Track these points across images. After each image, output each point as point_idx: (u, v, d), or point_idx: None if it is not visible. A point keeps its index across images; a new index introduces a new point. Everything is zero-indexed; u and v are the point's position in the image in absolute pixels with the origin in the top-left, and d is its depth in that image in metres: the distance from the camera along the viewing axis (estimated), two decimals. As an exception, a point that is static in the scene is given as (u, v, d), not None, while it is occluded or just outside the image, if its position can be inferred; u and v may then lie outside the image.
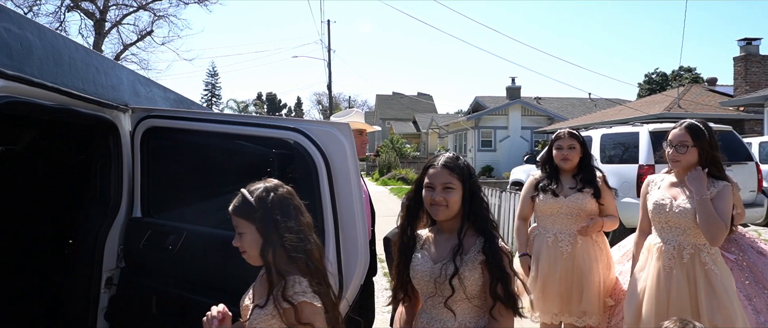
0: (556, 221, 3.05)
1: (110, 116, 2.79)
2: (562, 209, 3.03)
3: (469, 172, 1.93)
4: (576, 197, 3.02)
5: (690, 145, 2.52)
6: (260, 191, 1.80)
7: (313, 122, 2.65)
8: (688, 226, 2.50)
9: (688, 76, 37.02)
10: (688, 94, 18.82)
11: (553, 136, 3.19)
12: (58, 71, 2.27)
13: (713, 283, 2.45)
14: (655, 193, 2.68)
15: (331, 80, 30.70)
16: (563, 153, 3.07)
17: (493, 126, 25.57)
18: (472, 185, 1.91)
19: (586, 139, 3.17)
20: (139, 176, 2.91)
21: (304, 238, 1.79)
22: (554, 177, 3.12)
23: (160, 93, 3.50)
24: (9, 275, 3.66)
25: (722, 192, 2.49)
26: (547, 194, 3.08)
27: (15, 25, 1.96)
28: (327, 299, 1.81)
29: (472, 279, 1.85)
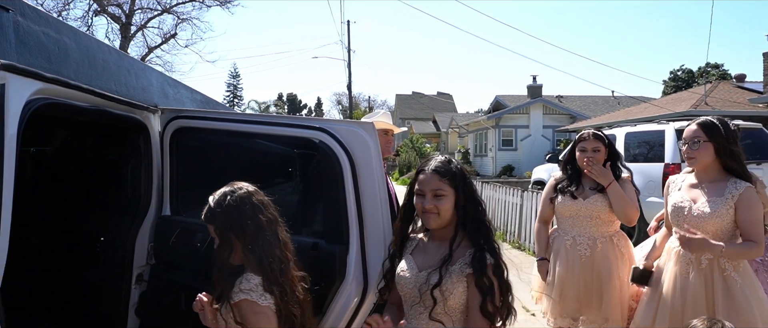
0: (575, 224, 2.98)
1: (141, 117, 2.87)
2: (580, 211, 2.95)
3: (462, 176, 1.82)
4: (595, 198, 2.92)
5: (703, 141, 2.43)
6: (219, 196, 1.93)
7: (338, 122, 2.68)
8: (706, 231, 2.39)
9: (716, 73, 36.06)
10: (715, 91, 18.35)
11: (576, 136, 3.09)
12: (92, 73, 2.34)
13: (732, 290, 2.34)
14: (674, 194, 2.59)
15: (350, 80, 30.82)
16: (587, 155, 2.97)
17: (514, 125, 25.32)
18: (466, 191, 1.80)
19: (609, 138, 3.12)
20: (168, 175, 2.98)
21: (260, 235, 1.85)
22: (575, 178, 3.04)
23: (187, 94, 3.58)
24: (43, 272, 3.78)
25: (746, 198, 2.35)
26: (566, 195, 3.00)
27: (53, 30, 2.03)
28: (287, 298, 1.83)
29: (455, 293, 1.73)
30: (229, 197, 1.91)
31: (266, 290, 1.82)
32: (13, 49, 1.82)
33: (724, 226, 2.38)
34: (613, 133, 8.85)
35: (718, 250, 2.30)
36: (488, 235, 1.77)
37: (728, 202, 2.37)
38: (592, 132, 3.03)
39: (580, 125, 19.95)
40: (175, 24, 24.92)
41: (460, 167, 1.86)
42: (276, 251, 1.88)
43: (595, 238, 2.93)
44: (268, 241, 1.87)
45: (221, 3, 25.17)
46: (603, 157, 2.97)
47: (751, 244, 2.34)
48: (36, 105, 1.94)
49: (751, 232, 2.35)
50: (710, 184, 2.47)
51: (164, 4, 24.38)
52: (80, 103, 2.34)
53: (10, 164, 1.75)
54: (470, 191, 1.82)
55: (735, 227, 2.40)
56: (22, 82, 1.84)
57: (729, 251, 2.31)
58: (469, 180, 1.85)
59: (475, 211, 1.79)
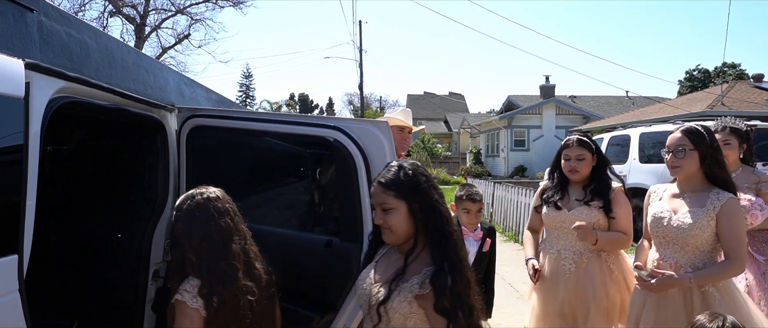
0: (560, 236, 2.78)
1: (158, 116, 2.91)
2: (565, 224, 2.73)
3: (413, 185, 1.59)
4: (581, 210, 2.71)
5: (688, 149, 2.32)
6: (181, 200, 2.01)
7: (353, 120, 2.70)
8: (686, 243, 2.28)
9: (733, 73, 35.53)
10: (732, 92, 18.07)
11: (562, 143, 2.89)
12: (111, 73, 2.39)
13: (711, 306, 2.18)
14: (655, 205, 2.48)
15: (362, 80, 30.85)
16: (570, 164, 2.76)
17: (526, 125, 25.18)
18: (421, 201, 1.58)
19: (623, 139, 3.04)
20: (184, 173, 3.02)
21: (205, 243, 1.90)
22: (561, 187, 2.84)
23: (203, 93, 3.62)
24: (61, 268, 3.84)
25: (728, 209, 2.23)
26: (551, 206, 2.81)
27: (74, 30, 2.08)
28: (226, 307, 1.85)
29: (399, 312, 1.54)
30: (188, 202, 1.97)
31: (201, 294, 1.85)
32: (37, 48, 1.87)
33: (705, 238, 2.26)
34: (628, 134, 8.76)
35: (687, 282, 2.20)
36: (451, 248, 1.55)
37: (709, 213, 2.25)
38: (576, 138, 2.81)
39: (594, 126, 19.78)
40: (188, 25, 25.22)
41: (411, 174, 1.61)
42: (220, 261, 1.91)
43: (581, 252, 2.71)
44: (213, 250, 1.91)
45: (234, 4, 25.40)
46: (588, 165, 2.76)
47: (728, 264, 2.23)
48: (58, 103, 1.99)
49: (731, 247, 2.23)
50: (692, 194, 2.35)
51: (178, 5, 24.68)
52: (100, 102, 2.38)
53: (34, 161, 1.79)
54: (426, 200, 1.59)
55: (717, 239, 2.28)
56: (45, 81, 1.89)
57: (700, 279, 2.20)
58: (426, 187, 1.60)
59: (435, 221, 1.57)
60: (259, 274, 1.99)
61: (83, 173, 4.23)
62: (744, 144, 3.15)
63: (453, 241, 1.57)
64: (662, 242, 2.39)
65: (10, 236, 1.71)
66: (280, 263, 2.12)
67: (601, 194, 2.72)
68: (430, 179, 1.66)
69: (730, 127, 3.14)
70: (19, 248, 1.73)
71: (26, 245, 1.77)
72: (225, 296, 1.86)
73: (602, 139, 9.53)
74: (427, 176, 1.65)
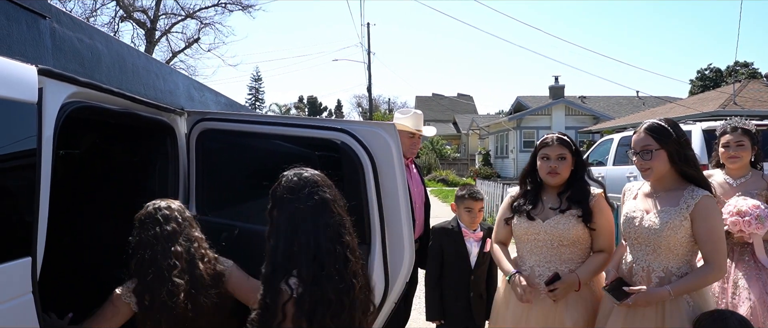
0: (533, 251, 2.46)
1: (168, 119, 2.94)
2: (539, 236, 2.43)
3: (281, 193, 1.77)
4: (556, 220, 2.40)
5: (655, 149, 2.17)
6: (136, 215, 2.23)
7: (360, 123, 2.71)
8: (659, 244, 2.14)
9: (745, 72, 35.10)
10: (744, 91, 17.86)
11: (538, 143, 2.58)
12: (122, 77, 2.42)
13: (682, 311, 2.07)
14: (628, 204, 2.34)
15: (370, 82, 30.93)
16: (550, 164, 2.44)
17: (535, 126, 25.07)
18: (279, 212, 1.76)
19: (626, 141, 2.80)
20: (194, 176, 3.05)
21: (142, 246, 2.10)
22: (533, 195, 2.53)
23: (212, 97, 3.66)
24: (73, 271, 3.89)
25: (702, 208, 2.08)
26: (522, 216, 2.49)
27: (86, 35, 2.11)
28: (158, 306, 2.01)
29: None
30: (148, 208, 2.21)
31: (135, 292, 2.07)
32: (49, 54, 1.90)
33: (677, 240, 2.12)
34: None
35: (666, 295, 2.06)
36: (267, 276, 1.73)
37: (682, 213, 2.11)
38: (557, 136, 2.51)
39: (604, 126, 19.64)
40: (198, 29, 25.52)
41: (286, 182, 1.87)
42: (160, 263, 2.06)
43: (557, 268, 2.41)
44: (150, 253, 2.09)
45: (243, 8, 25.63)
46: (569, 166, 2.46)
47: (707, 269, 2.08)
48: (70, 108, 2.02)
49: (708, 250, 2.09)
50: (665, 193, 2.21)
51: (188, 9, 24.95)
52: (111, 106, 2.42)
53: (47, 164, 1.82)
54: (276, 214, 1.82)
55: (693, 240, 2.14)
56: (58, 86, 1.92)
57: (679, 289, 2.06)
58: (281, 199, 1.81)
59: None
60: (201, 273, 2.12)
61: (95, 176, 4.29)
62: (755, 146, 2.92)
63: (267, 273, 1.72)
64: (634, 244, 2.26)
65: (23, 238, 1.74)
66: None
67: (579, 201, 2.41)
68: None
69: (741, 128, 2.90)
70: (32, 250, 1.76)
71: (39, 247, 1.80)
72: (156, 295, 2.02)
73: (612, 139, 9.47)
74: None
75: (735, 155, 2.86)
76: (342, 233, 1.76)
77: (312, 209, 1.73)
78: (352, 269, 1.73)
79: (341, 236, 1.74)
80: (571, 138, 2.53)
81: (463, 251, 3.12)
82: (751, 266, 2.64)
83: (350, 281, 1.71)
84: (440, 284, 3.16)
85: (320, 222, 1.72)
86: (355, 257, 1.77)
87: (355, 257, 1.77)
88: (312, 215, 1.73)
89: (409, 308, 3.56)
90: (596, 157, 9.87)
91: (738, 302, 2.58)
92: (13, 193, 1.76)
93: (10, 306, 1.68)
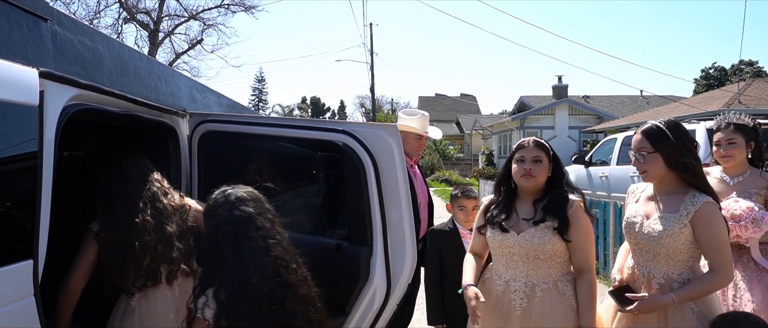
0: (509, 264, 2.26)
1: (170, 121, 2.94)
2: (513, 249, 2.24)
3: (205, 211, 1.85)
4: (531, 233, 2.20)
5: (649, 152, 2.11)
6: None
7: (361, 124, 2.71)
8: (658, 251, 2.08)
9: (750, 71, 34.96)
10: (749, 89, 17.77)
11: (514, 147, 2.38)
12: (124, 80, 2.43)
13: (688, 319, 2.03)
14: (630, 207, 2.27)
15: (373, 83, 30.94)
16: (525, 167, 2.24)
17: (539, 126, 25.01)
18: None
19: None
20: (196, 178, 3.05)
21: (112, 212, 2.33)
22: (507, 204, 2.33)
23: (214, 98, 3.66)
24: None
25: (703, 215, 2.01)
26: (495, 227, 2.30)
27: (87, 38, 2.11)
28: (110, 239, 2.25)
29: None
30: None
31: (97, 238, 2.27)
32: (51, 57, 1.90)
33: (678, 246, 2.06)
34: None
35: (669, 302, 2.00)
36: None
37: (682, 219, 2.04)
38: (533, 139, 2.32)
39: (607, 126, 19.59)
40: (201, 30, 25.58)
41: (218, 198, 1.95)
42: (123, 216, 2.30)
43: (534, 284, 2.21)
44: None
45: (246, 9, 25.68)
46: (545, 171, 2.27)
47: (712, 276, 2.02)
48: (72, 110, 2.02)
49: (714, 257, 2.03)
50: (667, 197, 2.15)
51: (191, 10, 25.02)
52: (113, 109, 2.42)
53: (49, 167, 1.82)
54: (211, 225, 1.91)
55: (696, 246, 2.08)
56: (59, 89, 1.92)
57: (684, 296, 2.01)
58: (218, 215, 1.87)
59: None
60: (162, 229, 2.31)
61: (97, 179, 4.29)
62: (752, 142, 2.71)
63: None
64: (635, 250, 2.21)
65: (25, 241, 1.74)
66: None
67: (556, 210, 2.21)
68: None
69: (734, 124, 2.72)
70: (34, 253, 1.77)
71: (41, 250, 1.81)
72: (113, 233, 2.23)
73: (616, 139, 9.44)
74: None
75: (727, 154, 2.70)
76: (269, 246, 1.77)
77: (232, 225, 1.76)
78: (285, 281, 1.74)
79: (269, 249, 1.75)
80: (549, 144, 2.34)
81: (461, 251, 3.10)
82: (750, 267, 2.54)
83: (281, 293, 1.71)
84: (441, 287, 3.15)
85: (240, 238, 1.73)
86: (286, 270, 1.77)
87: (286, 270, 1.77)
88: (232, 232, 1.74)
89: (413, 308, 3.55)
90: (600, 156, 9.84)
91: (739, 305, 2.49)
92: (14, 196, 1.76)
93: (11, 309, 1.68)
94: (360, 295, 2.50)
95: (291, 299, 1.74)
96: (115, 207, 2.29)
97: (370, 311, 2.51)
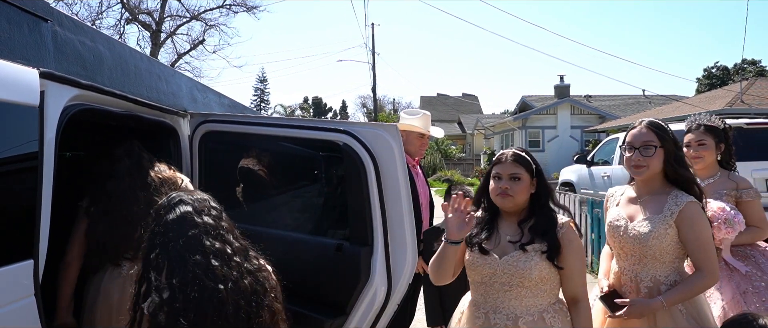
0: (489, 293, 1.97)
1: (171, 121, 2.95)
2: (495, 275, 1.95)
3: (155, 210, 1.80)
4: (516, 257, 1.92)
5: (657, 146, 2.07)
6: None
7: (362, 124, 2.70)
8: (645, 253, 2.06)
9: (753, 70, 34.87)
10: (752, 89, 17.70)
11: (494, 159, 2.10)
12: (125, 80, 2.43)
13: (678, 321, 2.01)
14: (612, 211, 2.23)
15: (375, 83, 30.93)
16: (501, 185, 1.97)
17: (540, 126, 24.98)
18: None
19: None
20: (197, 178, 3.05)
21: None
22: (489, 222, 2.05)
23: (215, 98, 3.66)
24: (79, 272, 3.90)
25: (687, 215, 2.00)
26: (474, 249, 2.01)
27: (89, 39, 2.12)
28: (98, 214, 2.39)
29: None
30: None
31: (87, 213, 2.41)
32: (51, 57, 1.90)
33: (663, 248, 2.05)
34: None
35: (659, 306, 1.99)
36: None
37: (667, 220, 2.03)
38: (513, 152, 2.02)
39: (610, 125, 19.55)
40: (203, 30, 25.61)
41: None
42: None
43: (517, 315, 1.92)
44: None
45: (247, 9, 25.69)
46: (526, 189, 1.98)
47: (699, 277, 2.01)
48: (73, 110, 2.03)
49: (699, 258, 2.02)
50: (650, 197, 2.13)
51: (193, 11, 25.04)
52: (114, 109, 2.43)
53: (49, 167, 1.83)
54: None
55: (681, 247, 2.07)
56: (59, 89, 1.93)
57: (673, 298, 1.99)
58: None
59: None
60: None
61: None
62: (722, 144, 2.72)
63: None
64: (620, 253, 2.19)
65: (25, 241, 1.75)
66: (291, 266, 2.13)
67: (545, 233, 1.94)
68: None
69: (704, 125, 2.73)
70: (34, 252, 1.77)
71: (42, 249, 1.81)
72: (101, 206, 2.37)
73: (618, 138, 9.43)
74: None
75: (696, 155, 2.70)
76: (203, 240, 1.75)
77: (168, 225, 1.77)
78: (220, 273, 1.74)
79: (201, 243, 1.74)
80: (532, 156, 2.05)
81: None
82: (721, 267, 2.51)
83: (213, 286, 1.70)
84: (439, 288, 3.13)
85: (173, 236, 1.74)
86: (224, 262, 1.76)
87: (224, 262, 1.76)
88: (169, 231, 1.76)
89: (414, 308, 3.55)
90: (601, 156, 9.83)
91: (709, 303, 2.43)
92: (15, 196, 1.76)
93: (12, 309, 1.69)
94: (361, 295, 2.49)
95: (228, 291, 1.74)
96: (102, 183, 2.41)
97: (371, 311, 2.51)
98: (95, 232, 2.37)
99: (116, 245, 2.38)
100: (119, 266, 2.41)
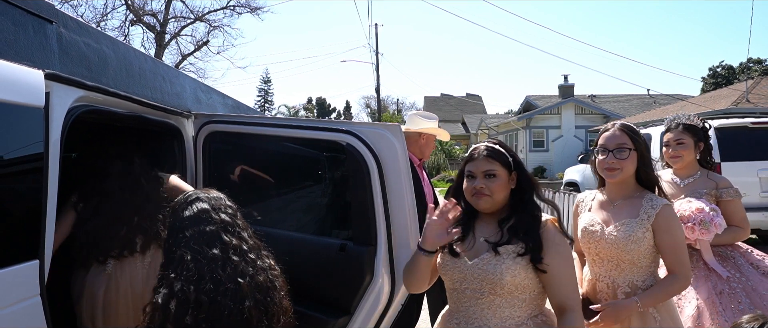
0: (461, 300, 1.79)
1: (175, 122, 2.96)
2: (465, 280, 1.76)
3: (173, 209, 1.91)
4: (486, 259, 1.72)
5: (631, 149, 2.06)
6: None
7: (365, 124, 2.70)
8: (622, 258, 2.04)
9: (758, 69, 34.68)
10: (757, 88, 17.62)
11: (466, 155, 1.92)
12: (129, 81, 2.44)
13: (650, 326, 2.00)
14: (584, 216, 2.20)
15: (379, 83, 30.97)
16: (475, 185, 1.78)
17: (545, 126, 24.92)
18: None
19: (644, 138, 2.19)
20: (201, 179, 3.06)
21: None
22: (465, 221, 1.84)
23: (219, 99, 3.67)
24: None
25: (663, 219, 1.99)
26: (445, 250, 1.83)
27: (93, 40, 2.13)
28: (87, 209, 2.47)
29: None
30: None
31: (75, 207, 2.47)
32: (56, 58, 1.92)
33: (641, 251, 2.03)
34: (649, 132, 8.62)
35: (634, 307, 1.98)
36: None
37: (644, 223, 2.01)
38: (486, 146, 1.83)
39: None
40: (207, 31, 25.66)
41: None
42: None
43: (492, 327, 1.72)
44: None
45: (251, 10, 25.74)
46: (504, 187, 1.78)
47: (673, 280, 2.02)
48: (78, 112, 2.04)
49: (673, 261, 2.03)
50: (624, 201, 2.10)
51: (197, 12, 25.12)
52: (118, 110, 2.44)
53: (54, 168, 1.84)
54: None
55: (655, 251, 2.07)
56: (64, 91, 1.94)
57: (647, 300, 1.99)
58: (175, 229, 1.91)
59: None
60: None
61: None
62: (701, 143, 2.72)
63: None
64: (596, 259, 2.14)
65: (31, 241, 1.76)
66: (294, 266, 2.14)
67: (526, 232, 1.73)
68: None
69: (683, 125, 2.73)
70: (40, 253, 1.78)
71: (47, 250, 1.82)
72: (90, 203, 2.44)
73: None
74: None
75: (675, 155, 2.71)
76: (222, 235, 1.81)
77: (186, 221, 1.83)
78: (239, 268, 1.77)
79: (220, 238, 1.79)
80: (507, 148, 1.85)
81: None
82: (699, 267, 2.51)
83: (234, 279, 1.74)
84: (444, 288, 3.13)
85: (191, 232, 1.79)
86: (241, 257, 1.80)
87: (241, 257, 1.80)
88: (187, 227, 1.81)
89: (420, 308, 3.55)
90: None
91: (684, 302, 2.46)
92: (20, 196, 1.77)
93: (18, 309, 1.70)
94: (364, 295, 2.49)
95: (247, 285, 1.77)
96: (94, 181, 2.48)
97: (375, 311, 2.51)
98: (83, 229, 2.41)
99: (103, 243, 2.42)
100: (104, 264, 2.45)
